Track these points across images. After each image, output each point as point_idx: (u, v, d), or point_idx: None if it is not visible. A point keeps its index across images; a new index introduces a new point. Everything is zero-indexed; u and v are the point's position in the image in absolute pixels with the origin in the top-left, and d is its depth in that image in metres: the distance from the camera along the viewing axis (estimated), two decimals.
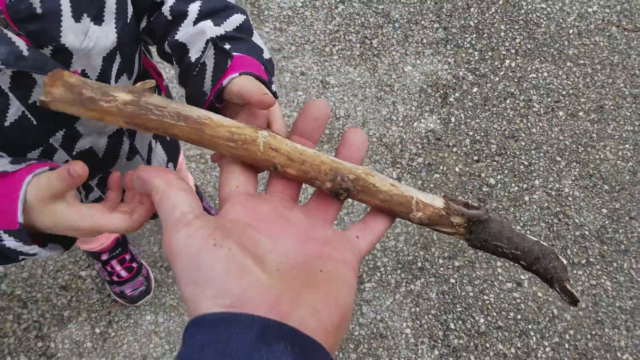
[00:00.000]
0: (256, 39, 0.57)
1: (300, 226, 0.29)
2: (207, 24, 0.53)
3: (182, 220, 0.24)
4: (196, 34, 0.53)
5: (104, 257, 1.35)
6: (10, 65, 0.43)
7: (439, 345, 1.44)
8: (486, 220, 0.31)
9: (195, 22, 0.54)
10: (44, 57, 0.46)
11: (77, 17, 0.48)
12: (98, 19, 0.50)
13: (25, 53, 0.44)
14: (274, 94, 0.50)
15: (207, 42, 0.51)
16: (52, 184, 0.39)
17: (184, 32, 0.54)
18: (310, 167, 0.31)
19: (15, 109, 0.49)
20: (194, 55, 0.52)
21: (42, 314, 1.38)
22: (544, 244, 0.32)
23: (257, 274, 0.23)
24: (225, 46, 0.50)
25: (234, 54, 0.50)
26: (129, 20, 0.56)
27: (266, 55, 0.55)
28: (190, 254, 0.23)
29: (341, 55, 1.86)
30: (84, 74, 0.52)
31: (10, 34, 0.44)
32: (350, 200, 1.60)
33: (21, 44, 0.44)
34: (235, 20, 0.54)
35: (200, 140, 0.33)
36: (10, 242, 0.41)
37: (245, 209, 0.29)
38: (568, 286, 0.30)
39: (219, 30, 0.53)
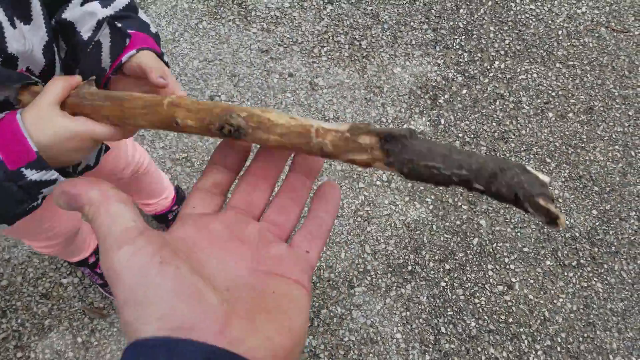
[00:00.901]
0: (142, 15, 0.62)
1: (251, 245, 0.27)
2: (95, 5, 0.57)
3: (124, 236, 0.22)
4: (86, 13, 0.57)
5: (92, 259, 1.30)
6: None
7: (430, 350, 1.42)
8: (404, 137, 0.25)
9: (83, 3, 0.58)
10: (7, 71, 0.49)
11: (13, 24, 0.50)
12: (27, 19, 0.52)
13: None
14: (167, 64, 0.58)
15: (98, 22, 0.56)
16: (57, 89, 0.44)
17: (72, 12, 0.57)
18: (205, 114, 0.30)
19: None
20: (85, 33, 0.55)
21: (22, 323, 1.34)
22: (506, 160, 0.24)
23: (207, 295, 0.21)
24: (119, 25, 0.55)
25: (130, 32, 0.54)
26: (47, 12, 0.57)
27: (153, 29, 0.61)
28: (134, 273, 0.20)
29: (330, 57, 1.83)
30: (28, 70, 0.53)
31: None
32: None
33: None
34: (121, 1, 0.60)
35: (121, 114, 0.36)
36: (33, 175, 0.45)
37: (196, 226, 0.27)
38: (542, 201, 0.22)
39: (108, 11, 0.58)
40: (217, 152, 0.31)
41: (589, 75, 1.90)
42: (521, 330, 1.46)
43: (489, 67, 1.88)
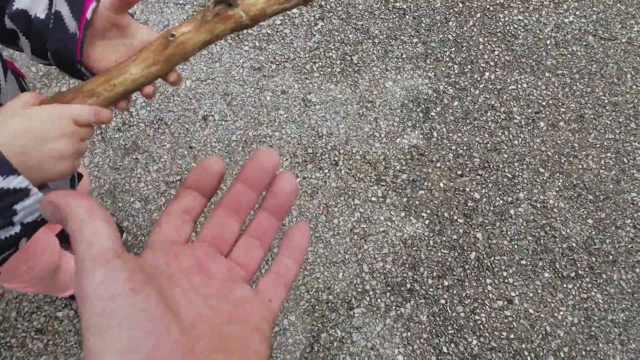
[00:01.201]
0: None
1: (218, 283, 0.27)
2: None
3: (100, 257, 0.21)
4: None
5: None
6: None
7: None
8: None
9: None
10: None
11: None
12: None
13: None
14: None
15: (50, 0, 0.53)
16: (25, 96, 0.45)
17: (21, 1, 0.54)
18: (196, 15, 0.38)
19: None
20: (41, 13, 0.52)
21: None
22: None
23: (172, 329, 0.21)
24: None
25: None
26: None
27: None
28: (104, 298, 0.20)
29: (322, 73, 1.83)
30: None
31: None
32: (321, 231, 1.57)
33: None
34: None
35: (108, 78, 0.40)
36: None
37: (166, 255, 0.27)
38: None
39: None
40: (190, 175, 0.31)
41: (578, 84, 1.91)
42: (523, 346, 1.46)
43: (479, 79, 1.88)
